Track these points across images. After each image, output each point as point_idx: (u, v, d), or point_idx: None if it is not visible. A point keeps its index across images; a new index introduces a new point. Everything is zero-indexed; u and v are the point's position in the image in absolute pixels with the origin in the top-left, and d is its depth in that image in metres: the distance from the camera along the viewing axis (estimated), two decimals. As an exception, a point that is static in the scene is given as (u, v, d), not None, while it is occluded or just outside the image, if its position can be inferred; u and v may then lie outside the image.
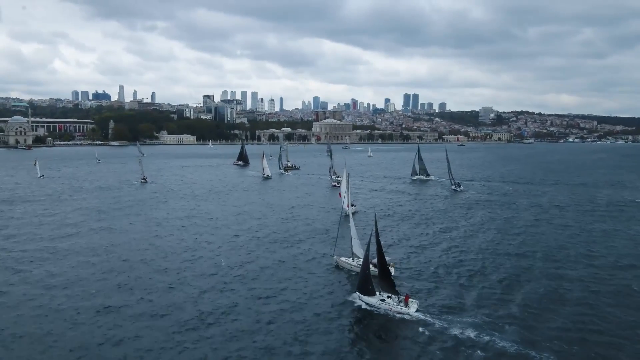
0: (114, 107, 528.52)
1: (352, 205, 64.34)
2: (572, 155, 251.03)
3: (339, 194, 67.25)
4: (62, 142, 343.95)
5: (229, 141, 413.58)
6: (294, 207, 73.71)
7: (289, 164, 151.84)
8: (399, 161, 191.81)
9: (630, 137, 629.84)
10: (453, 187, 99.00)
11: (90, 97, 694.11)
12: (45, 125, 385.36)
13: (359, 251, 41.25)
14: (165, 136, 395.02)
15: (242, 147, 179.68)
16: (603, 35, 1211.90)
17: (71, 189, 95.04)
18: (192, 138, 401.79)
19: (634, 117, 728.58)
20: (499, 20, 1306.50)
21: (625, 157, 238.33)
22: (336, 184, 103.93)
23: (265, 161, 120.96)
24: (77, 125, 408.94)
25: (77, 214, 67.29)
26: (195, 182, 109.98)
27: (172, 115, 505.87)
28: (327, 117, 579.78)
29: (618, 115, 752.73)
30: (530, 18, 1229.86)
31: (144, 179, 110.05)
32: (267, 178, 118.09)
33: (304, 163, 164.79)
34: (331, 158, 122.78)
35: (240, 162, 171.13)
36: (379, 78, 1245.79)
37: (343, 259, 43.09)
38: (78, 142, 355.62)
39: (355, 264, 41.11)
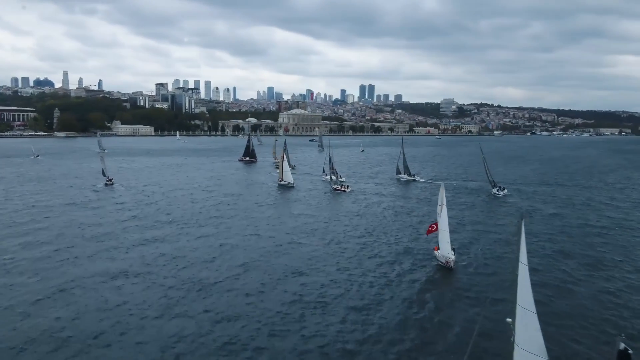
0: (59, 95, 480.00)
1: (453, 249, 38.75)
2: (569, 151, 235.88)
3: (431, 228, 40.81)
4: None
5: (190, 132, 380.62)
6: (347, 249, 47.93)
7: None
8: (392, 158, 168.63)
9: (591, 130, 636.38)
10: (495, 190, 79.82)
11: (32, 83, 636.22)
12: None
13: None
14: (119, 127, 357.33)
15: (248, 141, 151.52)
16: (551, 29, 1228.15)
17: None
18: (149, 129, 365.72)
19: (590, 110, 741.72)
20: (452, 11, 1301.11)
21: (616, 153, 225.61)
22: (339, 187, 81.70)
23: (286, 163, 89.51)
24: (16, 113, 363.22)
25: None
26: (188, 190, 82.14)
27: (125, 104, 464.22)
28: (292, 108, 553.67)
29: (572, 109, 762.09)
30: (483, 10, 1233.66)
31: (110, 180, 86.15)
32: (288, 186, 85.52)
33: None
34: (330, 155, 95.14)
35: (247, 159, 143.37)
36: (331, 69, 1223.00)
37: None
38: (17, 132, 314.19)
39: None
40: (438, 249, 39.70)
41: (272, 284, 34.47)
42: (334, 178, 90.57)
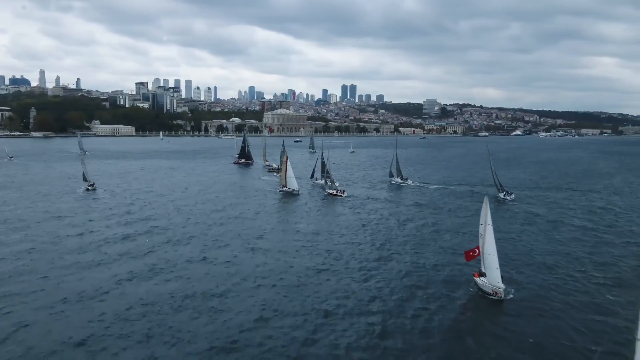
0: (35, 93, 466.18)
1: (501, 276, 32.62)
2: (558, 153, 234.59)
3: (472, 253, 34.81)
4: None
5: (173, 132, 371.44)
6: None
7: (273, 166, 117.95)
8: (382, 159, 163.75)
9: (573, 131, 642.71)
10: (502, 195, 76.81)
11: (7, 82, 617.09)
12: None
13: None
14: (98, 126, 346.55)
15: (243, 141, 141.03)
16: (529, 31, 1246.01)
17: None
18: (130, 129, 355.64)
19: (570, 111, 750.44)
20: (432, 12, 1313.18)
21: (605, 155, 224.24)
22: (335, 192, 77.41)
23: (290, 168, 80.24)
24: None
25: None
26: (180, 197, 75.06)
27: (104, 104, 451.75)
28: (275, 108, 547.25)
29: (553, 109, 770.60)
30: (463, 11, 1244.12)
31: (92, 185, 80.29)
32: (293, 193, 78.02)
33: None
34: (324, 158, 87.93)
35: (243, 161, 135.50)
36: (312, 69, 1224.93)
37: None
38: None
39: None
40: (479, 275, 34.41)
41: (280, 327, 28.47)
42: (328, 182, 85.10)
